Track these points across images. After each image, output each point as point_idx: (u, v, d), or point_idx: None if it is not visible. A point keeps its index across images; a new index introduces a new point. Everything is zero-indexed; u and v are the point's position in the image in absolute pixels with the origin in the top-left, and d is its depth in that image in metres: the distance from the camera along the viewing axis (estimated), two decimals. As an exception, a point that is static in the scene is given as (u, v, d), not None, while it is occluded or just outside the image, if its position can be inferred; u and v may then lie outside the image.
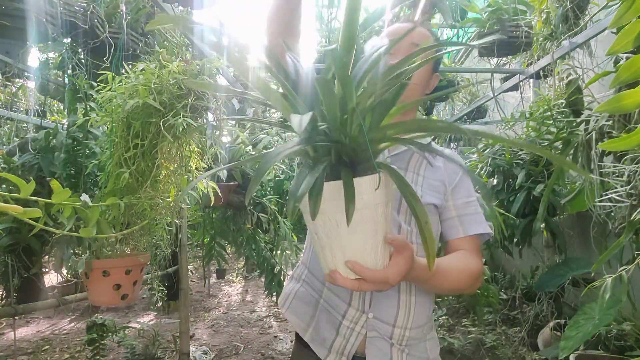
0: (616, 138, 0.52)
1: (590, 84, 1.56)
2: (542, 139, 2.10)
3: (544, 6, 2.29)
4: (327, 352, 0.84)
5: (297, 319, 0.90)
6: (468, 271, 0.80)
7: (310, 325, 0.88)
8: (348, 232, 0.56)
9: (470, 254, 0.84)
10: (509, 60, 2.95)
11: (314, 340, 0.86)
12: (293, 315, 0.92)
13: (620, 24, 0.52)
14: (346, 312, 0.84)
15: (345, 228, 0.54)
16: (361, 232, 0.56)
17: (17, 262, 1.46)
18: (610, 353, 1.80)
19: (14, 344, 2.91)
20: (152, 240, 1.38)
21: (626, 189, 1.32)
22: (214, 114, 1.20)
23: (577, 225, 2.55)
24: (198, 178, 0.68)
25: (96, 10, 1.58)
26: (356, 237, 0.57)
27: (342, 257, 0.58)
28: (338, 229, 0.56)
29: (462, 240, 0.86)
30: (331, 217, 0.56)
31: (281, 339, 3.20)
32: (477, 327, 3.07)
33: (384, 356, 0.83)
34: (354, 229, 0.55)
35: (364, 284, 0.60)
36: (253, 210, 2.82)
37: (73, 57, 1.63)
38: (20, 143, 1.62)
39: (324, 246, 0.60)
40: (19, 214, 0.66)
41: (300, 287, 0.94)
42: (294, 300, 0.93)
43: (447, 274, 0.76)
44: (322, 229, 0.58)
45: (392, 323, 0.82)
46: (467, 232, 0.86)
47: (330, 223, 0.56)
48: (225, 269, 5.22)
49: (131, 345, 2.29)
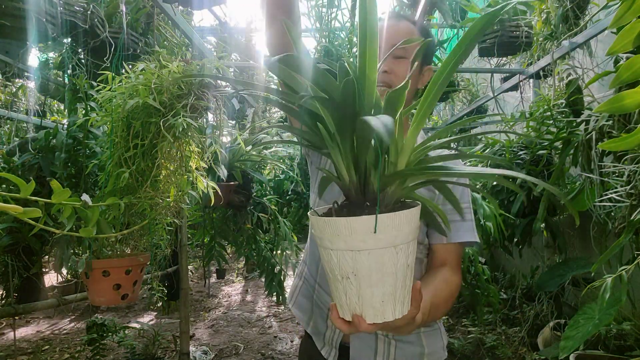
0: (616, 138, 0.52)
1: (590, 84, 1.56)
2: (542, 139, 2.10)
3: (544, 6, 2.29)
4: (322, 343, 0.90)
5: (301, 313, 0.96)
6: (451, 297, 0.77)
7: (311, 319, 0.93)
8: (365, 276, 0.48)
9: (452, 271, 0.81)
10: (509, 60, 2.95)
11: (314, 333, 0.92)
12: (298, 310, 0.98)
13: (620, 24, 0.52)
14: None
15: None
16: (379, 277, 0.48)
17: (17, 262, 1.46)
18: (610, 353, 1.80)
19: (14, 344, 2.91)
20: (152, 240, 1.38)
21: (626, 189, 1.32)
22: (214, 114, 1.20)
23: (577, 225, 2.55)
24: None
25: (96, 10, 1.58)
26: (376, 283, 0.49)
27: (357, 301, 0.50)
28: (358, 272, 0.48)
29: (446, 247, 0.84)
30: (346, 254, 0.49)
31: (281, 339, 3.20)
32: (477, 327, 3.07)
33: (369, 348, 0.83)
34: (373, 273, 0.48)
35: (355, 330, 0.54)
36: (253, 210, 2.82)
37: (73, 57, 1.63)
38: (20, 143, 1.62)
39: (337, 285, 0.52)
40: (19, 214, 0.66)
41: (302, 283, 1.00)
42: (299, 297, 0.99)
43: (435, 309, 0.71)
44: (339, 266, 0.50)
45: None
46: (451, 239, 0.83)
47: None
48: (225, 269, 5.22)
49: (131, 345, 2.29)
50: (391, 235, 0.47)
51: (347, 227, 0.46)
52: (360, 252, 0.47)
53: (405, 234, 0.48)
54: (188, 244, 2.43)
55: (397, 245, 0.47)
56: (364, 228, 0.46)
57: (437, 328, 0.89)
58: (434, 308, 0.70)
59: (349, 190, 0.51)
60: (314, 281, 0.93)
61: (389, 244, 0.47)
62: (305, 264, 0.99)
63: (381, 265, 0.47)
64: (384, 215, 0.46)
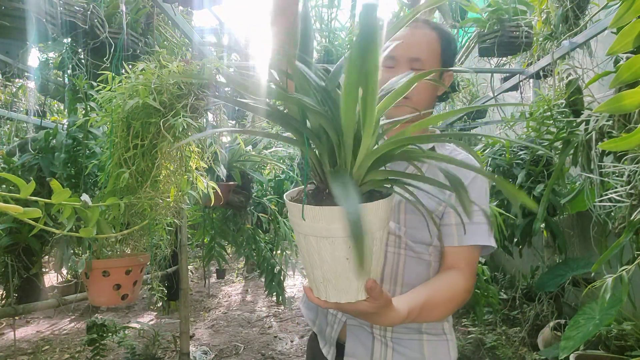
0: (616, 138, 0.52)
1: (590, 84, 1.56)
2: (542, 139, 2.10)
3: (544, 6, 2.29)
4: (324, 342, 0.90)
5: (308, 311, 0.97)
6: (452, 301, 0.74)
7: (317, 318, 0.93)
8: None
9: (460, 275, 0.78)
10: (509, 60, 2.94)
11: (319, 332, 0.92)
12: (306, 309, 0.98)
13: (620, 24, 0.52)
14: None
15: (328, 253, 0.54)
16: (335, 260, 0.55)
17: (17, 262, 1.46)
18: (611, 353, 1.80)
19: (14, 344, 2.91)
20: (152, 240, 1.38)
21: (626, 189, 1.32)
22: (214, 114, 1.20)
23: (577, 225, 2.55)
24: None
25: (96, 10, 1.58)
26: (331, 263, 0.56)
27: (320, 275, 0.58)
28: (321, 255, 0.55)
29: (456, 250, 0.80)
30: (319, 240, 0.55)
31: (281, 339, 3.20)
32: (477, 327, 3.07)
33: (365, 349, 0.82)
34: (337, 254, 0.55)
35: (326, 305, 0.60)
36: (253, 210, 2.82)
37: (73, 57, 1.63)
38: (20, 143, 1.62)
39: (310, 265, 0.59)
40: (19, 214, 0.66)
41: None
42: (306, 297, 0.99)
43: (431, 309, 0.70)
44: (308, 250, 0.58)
45: None
46: (461, 242, 0.80)
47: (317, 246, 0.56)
48: (225, 269, 5.22)
49: (131, 345, 2.29)
50: (320, 226, 0.53)
51: (291, 209, 0.57)
52: (299, 234, 0.56)
53: (335, 229, 0.52)
54: (188, 244, 2.43)
55: (328, 237, 0.53)
56: (297, 213, 0.54)
57: (444, 338, 0.84)
58: (428, 308, 0.69)
59: (317, 178, 0.60)
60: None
61: (320, 235, 0.53)
62: None
63: (317, 251, 0.54)
64: (308, 206, 0.53)
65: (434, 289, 0.73)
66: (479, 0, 2.76)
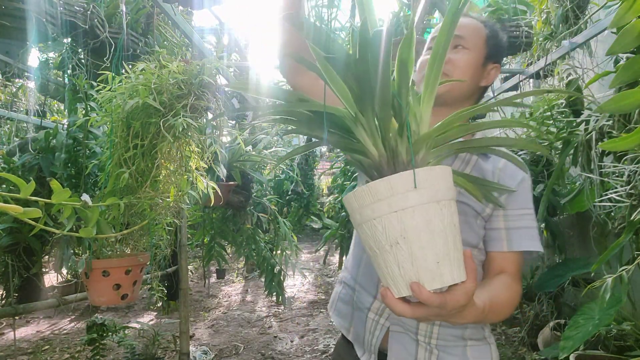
0: (616, 138, 0.52)
1: (590, 84, 1.56)
2: (542, 139, 2.10)
3: (544, 6, 2.29)
4: (362, 350, 0.84)
5: (341, 319, 0.92)
6: (512, 303, 0.71)
7: (352, 325, 0.88)
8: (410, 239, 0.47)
9: (512, 279, 0.75)
10: (509, 60, 2.94)
11: (355, 340, 0.87)
12: (338, 317, 0.93)
13: (620, 24, 0.52)
14: (372, 304, 0.83)
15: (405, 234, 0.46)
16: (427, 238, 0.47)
17: (17, 262, 1.46)
18: (610, 353, 1.80)
19: (14, 344, 2.91)
20: (152, 240, 1.38)
21: (626, 189, 1.32)
22: (214, 114, 1.20)
23: (577, 225, 2.55)
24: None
25: (96, 10, 1.58)
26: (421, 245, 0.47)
27: (398, 271, 0.48)
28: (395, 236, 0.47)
29: (505, 255, 0.77)
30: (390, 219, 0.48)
31: (281, 339, 3.20)
32: (477, 327, 3.06)
33: (409, 355, 0.78)
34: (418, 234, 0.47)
35: (417, 309, 0.50)
36: (253, 210, 2.82)
37: (73, 57, 1.62)
38: (20, 143, 1.62)
39: (378, 257, 0.50)
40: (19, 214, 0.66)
41: (342, 289, 0.95)
42: (338, 303, 0.94)
43: (495, 309, 0.66)
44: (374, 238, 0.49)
45: None
46: (511, 247, 0.76)
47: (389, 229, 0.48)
48: (225, 269, 5.22)
49: (131, 345, 2.29)
50: (431, 189, 0.47)
51: (387, 187, 0.47)
52: (405, 211, 0.46)
53: (444, 189, 0.48)
54: (188, 244, 2.44)
55: (440, 200, 0.47)
56: (404, 184, 0.46)
57: (486, 342, 0.81)
58: (493, 308, 0.64)
59: (379, 164, 0.52)
60: (354, 282, 0.89)
61: (431, 199, 0.46)
62: (347, 269, 0.95)
63: (428, 222, 0.46)
64: (420, 169, 0.46)
65: (495, 290, 0.70)
66: (479, 0, 2.76)
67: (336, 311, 0.94)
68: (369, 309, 0.83)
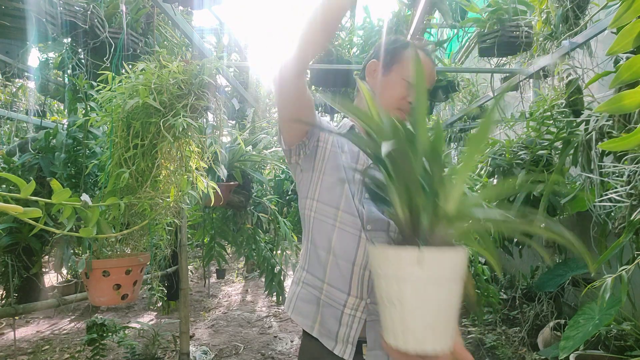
0: (616, 138, 0.52)
1: (590, 84, 1.56)
2: (542, 139, 2.10)
3: (544, 6, 2.29)
4: (334, 343, 0.90)
5: (302, 318, 0.97)
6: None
7: (316, 321, 0.94)
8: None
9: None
10: (509, 60, 2.95)
11: (321, 335, 0.93)
12: (299, 316, 0.98)
13: (620, 24, 0.52)
14: (346, 301, 0.89)
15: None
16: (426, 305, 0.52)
17: (17, 262, 1.46)
18: (610, 353, 1.80)
19: (14, 344, 2.91)
20: (152, 240, 1.38)
21: (626, 189, 1.32)
22: (214, 114, 1.20)
23: (577, 225, 2.55)
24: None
25: (96, 10, 1.58)
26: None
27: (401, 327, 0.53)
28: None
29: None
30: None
31: (281, 339, 3.20)
32: (477, 327, 3.07)
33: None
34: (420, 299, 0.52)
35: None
36: (253, 210, 2.82)
37: (73, 57, 1.63)
38: (20, 143, 1.62)
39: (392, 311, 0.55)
40: (19, 214, 0.66)
41: (300, 289, 1.00)
42: (297, 302, 0.99)
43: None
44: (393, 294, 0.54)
45: None
46: None
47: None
48: (225, 269, 5.22)
49: (131, 345, 2.29)
50: (435, 270, 0.50)
51: (395, 256, 0.52)
52: (405, 281, 0.51)
53: (449, 272, 0.51)
54: (188, 244, 2.43)
55: (441, 282, 0.51)
56: (410, 259, 0.50)
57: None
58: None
59: (403, 225, 0.57)
60: (321, 282, 0.94)
61: (431, 279, 0.50)
62: (304, 269, 1.00)
63: (424, 297, 0.51)
64: (429, 249, 0.50)
65: None
66: (479, 0, 2.76)
67: (296, 310, 0.99)
68: (344, 305, 0.89)
